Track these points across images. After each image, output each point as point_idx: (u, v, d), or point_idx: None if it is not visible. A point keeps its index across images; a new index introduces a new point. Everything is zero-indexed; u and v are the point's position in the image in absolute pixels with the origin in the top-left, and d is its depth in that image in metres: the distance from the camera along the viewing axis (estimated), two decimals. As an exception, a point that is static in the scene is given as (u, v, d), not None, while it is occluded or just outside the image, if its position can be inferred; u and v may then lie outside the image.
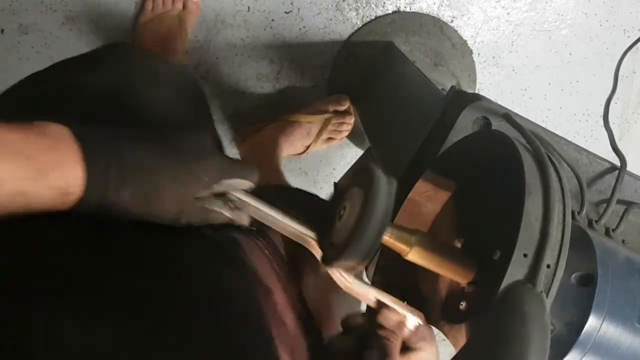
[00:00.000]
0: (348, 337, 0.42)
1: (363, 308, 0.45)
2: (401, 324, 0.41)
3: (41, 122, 0.33)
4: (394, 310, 0.41)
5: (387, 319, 0.41)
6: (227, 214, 0.41)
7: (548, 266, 0.34)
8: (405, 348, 0.41)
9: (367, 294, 0.42)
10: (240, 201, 0.41)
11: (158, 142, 0.38)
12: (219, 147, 0.57)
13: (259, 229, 0.43)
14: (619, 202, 0.55)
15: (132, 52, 0.68)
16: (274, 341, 0.37)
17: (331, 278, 0.42)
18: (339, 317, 0.50)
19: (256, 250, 0.46)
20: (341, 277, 0.41)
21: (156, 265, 0.36)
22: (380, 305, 0.42)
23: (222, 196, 0.40)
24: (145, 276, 0.34)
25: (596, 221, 0.50)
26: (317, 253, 0.41)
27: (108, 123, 0.36)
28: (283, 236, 0.43)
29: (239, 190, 0.41)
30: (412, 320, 0.42)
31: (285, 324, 0.42)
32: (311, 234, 0.41)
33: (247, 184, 0.41)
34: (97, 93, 0.51)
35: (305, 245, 0.42)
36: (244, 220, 0.42)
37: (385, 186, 0.37)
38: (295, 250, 0.51)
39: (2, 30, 1.03)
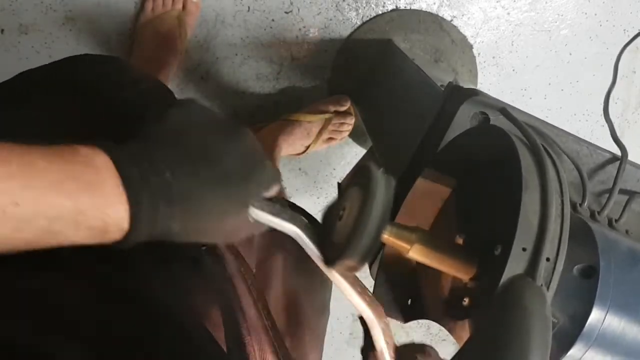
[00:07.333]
0: None
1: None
2: None
3: (82, 147, 0.31)
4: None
5: None
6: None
7: (548, 259, 0.34)
8: None
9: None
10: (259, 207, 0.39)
11: (204, 166, 0.35)
12: None
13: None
14: (622, 192, 0.55)
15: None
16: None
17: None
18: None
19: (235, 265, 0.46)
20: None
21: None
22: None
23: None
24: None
25: (599, 212, 0.50)
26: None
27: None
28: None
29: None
30: None
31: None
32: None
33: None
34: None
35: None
36: None
37: (383, 184, 0.36)
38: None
39: (2, 30, 1.03)
